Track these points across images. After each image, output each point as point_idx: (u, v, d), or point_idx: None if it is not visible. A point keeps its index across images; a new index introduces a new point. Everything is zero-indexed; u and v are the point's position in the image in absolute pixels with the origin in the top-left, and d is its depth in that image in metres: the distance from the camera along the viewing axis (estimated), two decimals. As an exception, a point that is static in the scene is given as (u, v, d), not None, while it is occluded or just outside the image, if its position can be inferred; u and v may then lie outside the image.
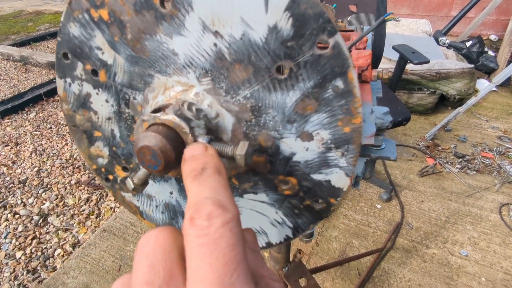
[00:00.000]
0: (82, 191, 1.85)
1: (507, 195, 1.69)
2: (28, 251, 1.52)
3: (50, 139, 2.32)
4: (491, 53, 2.93)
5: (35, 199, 1.80)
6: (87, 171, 2.00)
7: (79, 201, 1.79)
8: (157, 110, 0.30)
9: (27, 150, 2.20)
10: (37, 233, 1.61)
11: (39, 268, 1.45)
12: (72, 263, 1.42)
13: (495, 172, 1.84)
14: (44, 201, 1.79)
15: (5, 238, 1.58)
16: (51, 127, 2.45)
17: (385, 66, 2.31)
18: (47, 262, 1.48)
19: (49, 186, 1.89)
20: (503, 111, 2.44)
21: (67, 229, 1.63)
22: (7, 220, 1.68)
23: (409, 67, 2.19)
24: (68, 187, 1.88)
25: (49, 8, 5.82)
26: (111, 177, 0.47)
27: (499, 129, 2.23)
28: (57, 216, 1.70)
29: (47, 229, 1.63)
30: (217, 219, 0.17)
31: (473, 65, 2.31)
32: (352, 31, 0.76)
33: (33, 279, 1.40)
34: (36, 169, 2.02)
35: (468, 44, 2.88)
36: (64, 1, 6.27)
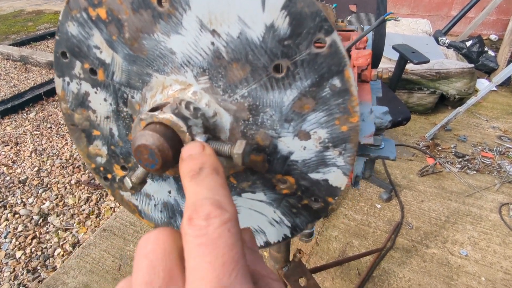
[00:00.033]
0: (82, 190, 1.86)
1: (507, 195, 1.69)
2: (28, 250, 1.52)
3: (50, 139, 2.32)
4: (491, 52, 2.93)
5: (35, 199, 1.80)
6: (87, 171, 2.00)
7: (79, 200, 1.79)
8: (154, 108, 0.30)
9: (27, 149, 2.20)
10: (37, 233, 1.61)
11: (39, 267, 1.45)
12: (72, 263, 1.42)
13: (495, 171, 1.84)
14: (44, 201, 1.79)
15: (5, 237, 1.58)
16: (51, 127, 2.45)
17: (385, 65, 2.31)
18: (47, 261, 1.48)
19: (49, 185, 1.90)
20: (503, 111, 2.43)
21: (67, 229, 1.63)
22: (7, 219, 1.68)
23: (409, 66, 2.19)
24: (68, 187, 1.88)
25: (49, 7, 5.82)
26: (109, 176, 0.47)
27: (499, 128, 2.22)
28: (57, 215, 1.70)
29: (47, 228, 1.63)
30: (215, 219, 0.18)
31: (473, 65, 2.31)
32: (352, 31, 0.76)
33: (33, 278, 1.40)
34: (36, 168, 2.02)
35: (468, 43, 2.87)
36: (64, 0, 6.27)
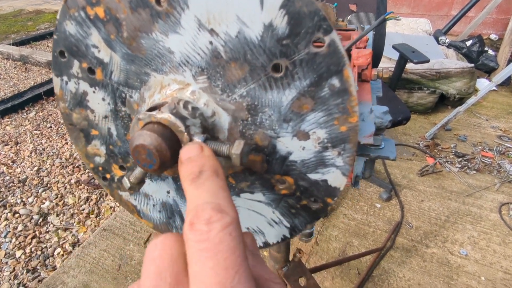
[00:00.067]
0: (82, 190, 1.85)
1: (507, 195, 1.69)
2: (28, 250, 1.52)
3: (50, 138, 2.32)
4: (491, 52, 2.93)
5: (35, 198, 1.80)
6: (87, 170, 2.00)
7: (79, 200, 1.79)
8: (152, 108, 0.30)
9: (27, 149, 2.20)
10: (37, 232, 1.61)
11: (39, 267, 1.45)
12: (72, 262, 1.42)
13: (495, 171, 1.84)
14: (44, 200, 1.79)
15: (5, 237, 1.58)
16: (51, 126, 2.45)
17: (385, 65, 2.30)
18: (47, 261, 1.48)
19: (49, 185, 1.89)
20: (503, 111, 2.43)
21: (67, 228, 1.63)
22: (7, 219, 1.68)
23: (409, 66, 2.19)
24: (68, 186, 1.88)
25: (49, 7, 5.81)
26: (108, 176, 0.47)
27: (499, 128, 2.22)
28: (57, 215, 1.70)
29: (47, 228, 1.63)
30: (217, 224, 0.18)
31: (473, 64, 2.31)
32: (352, 30, 0.76)
33: (33, 278, 1.40)
34: (36, 168, 2.02)
35: (468, 43, 2.87)
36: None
